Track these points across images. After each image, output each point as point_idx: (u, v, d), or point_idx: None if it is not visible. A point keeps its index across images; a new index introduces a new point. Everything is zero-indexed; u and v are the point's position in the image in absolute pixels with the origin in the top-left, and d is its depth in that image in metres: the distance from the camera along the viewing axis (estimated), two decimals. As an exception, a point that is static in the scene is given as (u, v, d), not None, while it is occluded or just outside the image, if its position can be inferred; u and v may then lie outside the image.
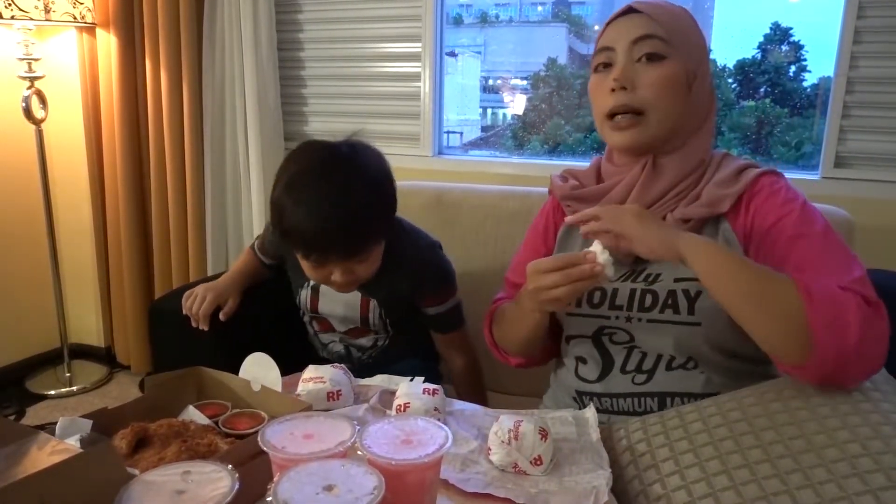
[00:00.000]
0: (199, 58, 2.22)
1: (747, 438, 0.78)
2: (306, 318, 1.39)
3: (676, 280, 0.94)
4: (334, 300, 1.31)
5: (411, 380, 0.94)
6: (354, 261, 1.15)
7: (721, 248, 0.87)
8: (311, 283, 1.31)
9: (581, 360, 1.03)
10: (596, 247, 0.86)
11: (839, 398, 0.79)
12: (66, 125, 2.52)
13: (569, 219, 0.95)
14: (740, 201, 0.95)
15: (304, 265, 1.18)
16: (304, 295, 1.34)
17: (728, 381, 0.94)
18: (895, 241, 1.65)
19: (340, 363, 1.03)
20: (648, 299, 0.95)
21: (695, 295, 0.93)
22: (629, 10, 0.98)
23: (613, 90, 0.96)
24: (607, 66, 0.99)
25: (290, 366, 1.02)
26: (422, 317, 1.32)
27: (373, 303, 1.29)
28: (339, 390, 0.96)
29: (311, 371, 0.98)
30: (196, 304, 1.33)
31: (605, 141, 1.03)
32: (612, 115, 0.98)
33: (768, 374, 0.93)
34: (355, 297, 1.29)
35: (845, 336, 0.75)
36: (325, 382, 0.96)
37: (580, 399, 1.03)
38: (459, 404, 0.96)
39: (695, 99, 0.97)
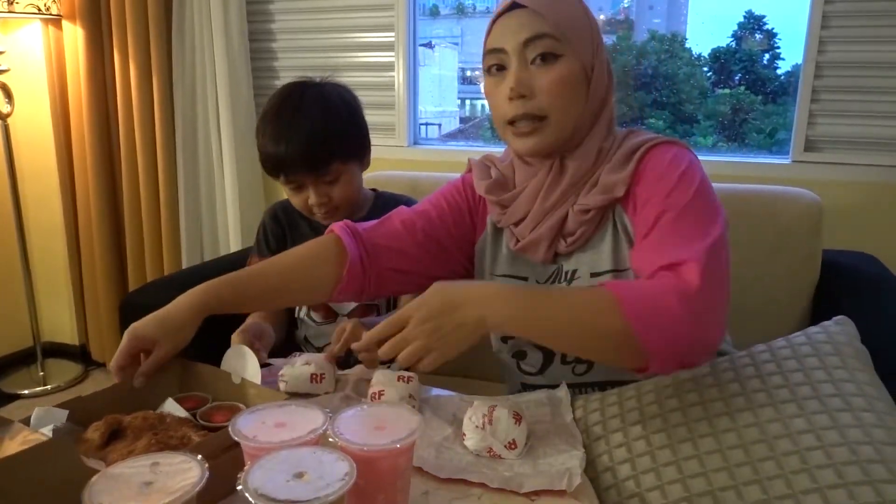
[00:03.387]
0: (168, 49, 2.18)
1: (695, 410, 0.79)
2: (303, 314, 1.34)
3: (593, 275, 0.93)
4: None
5: (388, 367, 0.94)
6: (323, 179, 1.23)
7: (517, 288, 0.83)
8: None
9: (520, 355, 1.01)
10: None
11: (793, 374, 0.80)
12: (34, 120, 2.47)
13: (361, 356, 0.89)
14: (634, 183, 0.91)
15: (289, 195, 1.29)
16: None
17: None
18: (863, 223, 1.68)
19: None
20: None
21: None
22: (514, 6, 0.92)
23: (511, 98, 0.91)
24: (501, 69, 0.93)
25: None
26: None
27: None
28: (323, 374, 0.97)
29: (304, 358, 0.99)
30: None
31: (509, 145, 0.99)
32: (512, 121, 0.93)
33: None
34: None
35: (675, 335, 0.75)
36: (310, 365, 0.97)
37: (525, 391, 1.03)
38: (434, 391, 0.96)
39: (593, 92, 0.93)
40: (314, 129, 1.20)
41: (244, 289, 0.96)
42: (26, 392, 2.43)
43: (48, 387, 2.47)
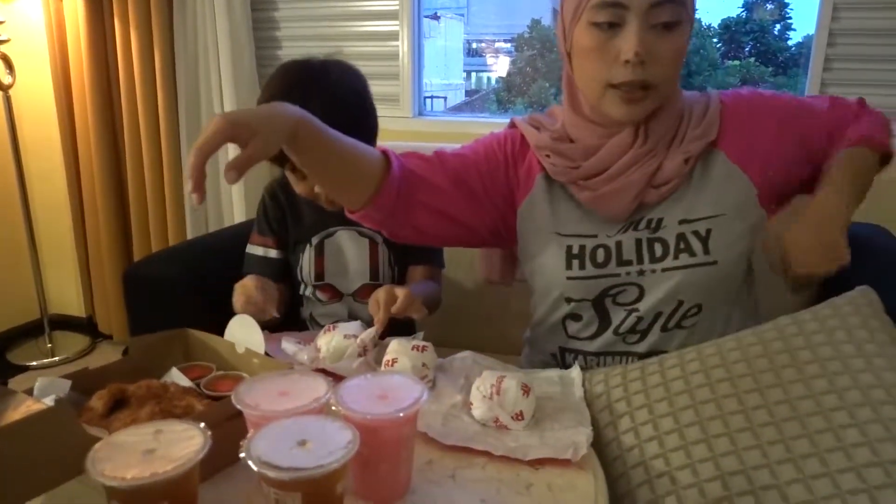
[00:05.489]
0: (170, 17, 2.15)
1: (723, 386, 0.78)
2: (308, 292, 1.33)
3: (682, 222, 0.92)
4: (341, 253, 1.30)
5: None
6: None
7: (837, 178, 0.93)
8: (314, 241, 1.30)
9: (574, 317, 0.99)
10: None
11: (822, 348, 0.79)
12: (35, 91, 2.45)
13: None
14: (724, 126, 0.94)
15: (291, 179, 1.24)
16: (308, 259, 1.30)
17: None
18: (874, 195, 1.65)
19: None
20: (658, 248, 0.92)
21: (706, 234, 0.91)
22: None
23: (628, 62, 0.84)
24: (615, 25, 0.85)
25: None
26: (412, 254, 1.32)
27: (381, 247, 1.30)
28: (367, 346, 0.98)
29: (342, 329, 0.99)
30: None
31: (601, 108, 0.91)
32: (618, 85, 0.87)
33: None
34: (363, 245, 1.30)
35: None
36: (353, 338, 0.97)
37: (562, 356, 1.02)
38: (449, 356, 0.96)
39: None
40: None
41: (324, 134, 0.84)
42: (34, 364, 2.45)
43: (56, 358, 2.49)
